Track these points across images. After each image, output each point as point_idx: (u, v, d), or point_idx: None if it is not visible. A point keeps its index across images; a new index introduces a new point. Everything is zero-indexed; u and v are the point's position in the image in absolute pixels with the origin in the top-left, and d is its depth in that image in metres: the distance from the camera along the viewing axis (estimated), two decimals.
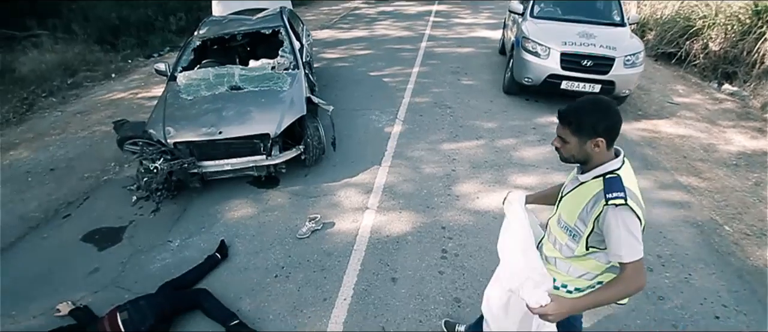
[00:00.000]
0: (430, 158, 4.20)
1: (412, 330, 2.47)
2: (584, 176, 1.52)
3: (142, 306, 2.32)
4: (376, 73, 6.63)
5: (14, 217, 3.57)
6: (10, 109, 5.94)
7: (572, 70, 4.87)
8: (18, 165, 4.37)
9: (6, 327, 2.56)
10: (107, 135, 4.93)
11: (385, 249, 3.07)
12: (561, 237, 1.61)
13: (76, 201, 3.73)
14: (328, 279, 2.82)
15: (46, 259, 3.07)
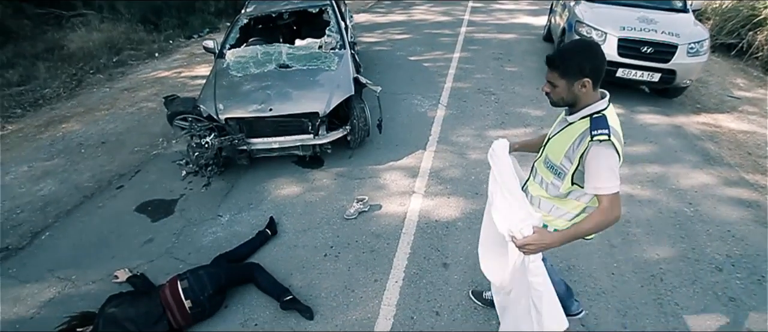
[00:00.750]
0: (476, 144, 4.08)
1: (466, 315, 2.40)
2: (572, 117, 1.62)
3: (202, 276, 2.34)
4: (416, 58, 6.49)
5: (70, 187, 3.69)
6: (61, 85, 6.16)
7: (630, 57, 4.60)
8: (70, 137, 4.52)
9: (66, 291, 2.64)
10: (154, 111, 5.04)
11: (435, 234, 3.00)
12: (547, 176, 1.73)
13: (127, 174, 3.82)
14: (378, 261, 2.78)
15: (103, 227, 3.16)
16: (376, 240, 2.94)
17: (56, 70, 6.59)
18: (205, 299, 2.29)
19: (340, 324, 2.37)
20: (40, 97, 5.76)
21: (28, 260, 2.90)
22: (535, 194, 1.80)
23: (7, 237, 3.14)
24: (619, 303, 2.52)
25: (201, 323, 2.36)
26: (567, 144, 1.61)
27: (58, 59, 6.96)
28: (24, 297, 2.60)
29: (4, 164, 4.07)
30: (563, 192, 1.68)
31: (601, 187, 1.52)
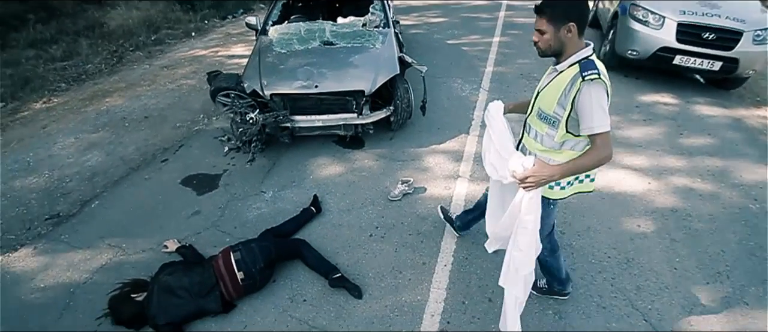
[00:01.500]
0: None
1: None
2: (561, 66, 1.69)
3: (253, 249, 2.32)
4: (454, 42, 6.31)
5: (116, 158, 3.75)
6: (102, 61, 6.28)
7: (689, 44, 4.32)
8: (114, 111, 4.60)
9: (117, 258, 2.68)
10: (193, 89, 5.07)
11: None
12: (541, 128, 1.78)
13: (171, 148, 3.85)
14: (426, 243, 2.70)
15: (150, 198, 3.19)
16: (422, 223, 2.87)
17: (97, 47, 6.73)
18: (256, 271, 2.27)
19: (389, 305, 2.32)
20: (83, 72, 5.89)
21: (79, 227, 2.95)
22: (531, 149, 1.87)
23: (57, 204, 3.21)
24: (684, 300, 2.37)
25: (251, 296, 2.35)
26: (559, 91, 1.66)
27: (98, 36, 7.11)
28: (77, 263, 2.66)
29: (51, 135, 4.17)
30: (558, 142, 1.73)
31: (595, 127, 1.60)
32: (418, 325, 2.21)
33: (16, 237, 2.92)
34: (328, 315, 2.27)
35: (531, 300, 2.33)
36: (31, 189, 3.40)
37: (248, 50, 6.23)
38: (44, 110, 4.78)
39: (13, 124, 4.51)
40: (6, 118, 4.65)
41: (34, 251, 2.77)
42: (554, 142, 1.74)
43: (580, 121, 1.63)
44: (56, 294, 2.45)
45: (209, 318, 2.25)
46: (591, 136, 1.62)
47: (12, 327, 2.27)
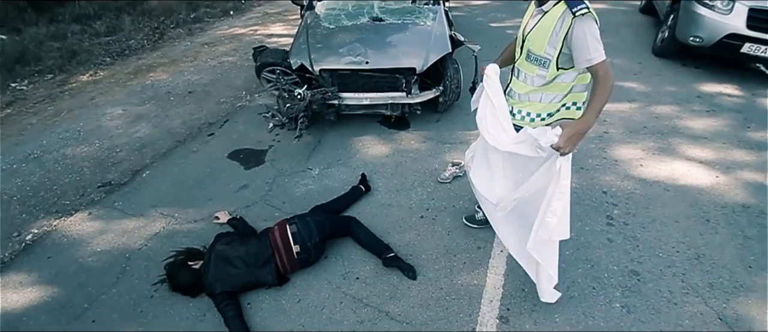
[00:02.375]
0: None
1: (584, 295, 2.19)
2: (547, 5, 1.72)
3: (309, 223, 2.27)
4: (497, 25, 6.09)
5: (163, 131, 3.78)
6: (144, 37, 6.37)
7: (762, 31, 3.99)
8: (159, 85, 4.64)
9: (170, 227, 2.69)
10: (235, 66, 5.07)
11: None
12: (531, 70, 1.82)
13: (216, 123, 3.86)
14: (479, 228, 2.60)
15: (199, 171, 3.20)
16: (473, 207, 2.76)
17: (139, 24, 6.83)
18: (311, 246, 2.23)
19: (445, 288, 2.24)
20: (126, 47, 5.99)
21: (131, 195, 2.99)
22: (523, 92, 1.91)
23: (108, 173, 3.27)
24: (761, 300, 2.20)
25: (304, 271, 2.32)
26: (548, 32, 1.70)
27: (140, 13, 7.21)
28: (131, 230, 2.69)
29: (99, 106, 4.25)
30: (549, 79, 1.79)
31: (593, 58, 1.62)
32: (477, 310, 2.13)
33: (71, 202, 2.98)
34: (382, 295, 2.21)
35: (595, 292, 2.22)
36: (82, 157, 3.47)
37: (287, 29, 6.20)
38: (91, 82, 4.88)
39: (62, 95, 4.62)
40: (55, 89, 4.77)
41: (89, 216, 2.82)
42: (545, 80, 1.81)
43: (576, 55, 1.67)
44: (112, 259, 2.48)
45: (263, 291, 2.24)
46: (590, 67, 1.65)
47: (71, 288, 2.31)
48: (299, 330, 2.06)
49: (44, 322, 2.14)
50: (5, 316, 2.19)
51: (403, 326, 2.06)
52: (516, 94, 1.95)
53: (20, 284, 2.37)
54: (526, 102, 1.91)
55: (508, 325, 2.06)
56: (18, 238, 2.70)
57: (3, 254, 2.58)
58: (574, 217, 2.67)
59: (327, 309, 2.15)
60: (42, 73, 5.17)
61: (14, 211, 2.92)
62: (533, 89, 1.86)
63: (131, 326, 2.10)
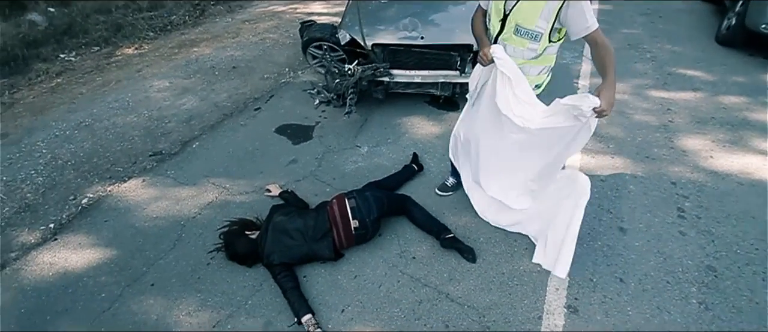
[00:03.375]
0: (636, 104, 3.53)
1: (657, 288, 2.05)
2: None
3: (368, 198, 2.21)
4: None
5: (210, 104, 3.78)
6: (186, 13, 6.40)
7: None
8: (203, 60, 4.65)
9: (223, 197, 2.68)
10: (276, 43, 5.03)
11: (603, 194, 2.62)
12: (521, 44, 1.85)
13: (262, 98, 3.83)
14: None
15: (247, 144, 3.18)
16: None
17: (180, 0, 6.88)
18: (369, 222, 2.16)
19: (506, 272, 2.14)
20: (169, 22, 6.03)
21: (183, 165, 3.00)
22: None
23: (159, 143, 3.29)
24: None
25: (359, 247, 2.26)
26: (539, 6, 1.73)
27: None
28: (184, 198, 2.69)
29: (146, 78, 4.29)
30: (540, 51, 1.84)
31: (591, 25, 1.69)
32: (542, 297, 2.03)
33: (124, 169, 3.02)
34: (440, 276, 2.14)
35: (670, 287, 2.07)
36: (132, 126, 3.50)
37: (327, 8, 6.11)
38: (136, 56, 4.94)
39: (109, 67, 4.69)
40: (102, 60, 4.85)
41: (143, 183, 2.84)
42: (536, 53, 1.86)
43: (571, 26, 1.72)
44: (168, 225, 2.49)
45: (318, 265, 2.19)
46: (588, 36, 1.71)
47: (129, 251, 2.33)
48: (357, 305, 2.02)
49: (104, 283, 2.16)
50: (66, 275, 2.22)
51: (464, 309, 1.98)
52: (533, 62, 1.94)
53: (79, 245, 2.41)
54: None
55: (577, 315, 1.95)
56: (74, 201, 2.75)
57: (60, 216, 2.63)
58: (643, 208, 2.52)
59: (384, 287, 2.09)
60: (89, 45, 5.26)
61: (69, 176, 2.98)
62: (523, 62, 1.90)
63: (190, 291, 2.10)
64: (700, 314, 1.97)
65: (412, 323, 1.93)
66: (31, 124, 3.58)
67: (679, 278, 2.12)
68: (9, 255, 2.38)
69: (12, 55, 4.71)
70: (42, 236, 2.49)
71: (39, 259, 2.33)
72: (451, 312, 1.97)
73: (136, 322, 1.97)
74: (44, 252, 2.37)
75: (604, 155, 2.94)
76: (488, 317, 1.94)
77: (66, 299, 2.10)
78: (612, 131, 3.19)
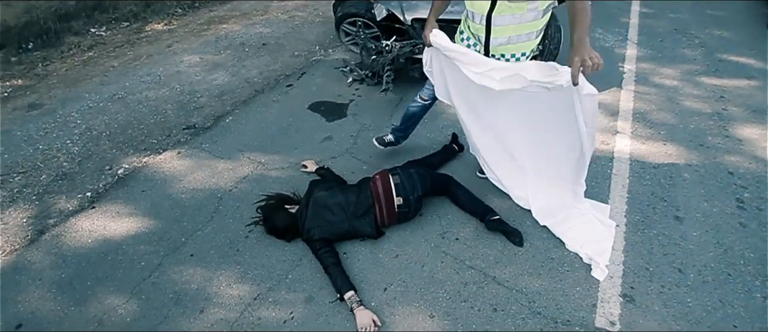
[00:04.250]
0: (687, 90, 3.34)
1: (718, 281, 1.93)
2: None
3: (413, 175, 2.13)
4: None
5: (241, 80, 3.73)
6: None
7: None
8: (232, 36, 4.60)
9: (258, 172, 2.64)
10: (306, 21, 4.94)
11: (655, 181, 2.48)
12: (519, 8, 1.72)
13: (293, 75, 3.76)
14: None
15: (281, 120, 3.12)
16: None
17: None
18: (413, 200, 2.09)
19: (556, 258, 2.04)
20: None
21: (217, 138, 2.96)
22: (512, 34, 1.81)
23: (192, 117, 3.26)
24: None
25: (399, 226, 2.19)
26: None
27: None
28: (221, 171, 2.65)
29: (177, 54, 4.26)
30: (542, 10, 1.73)
31: None
32: (595, 285, 1.92)
33: (158, 141, 3.00)
34: (486, 258, 2.05)
35: (731, 279, 1.94)
36: (164, 100, 3.48)
37: None
38: (166, 31, 4.91)
39: (139, 42, 4.68)
40: (132, 35, 4.84)
41: (178, 155, 2.82)
42: (538, 12, 1.73)
43: None
44: (205, 197, 2.46)
45: (358, 242, 2.13)
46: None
47: (167, 222, 2.31)
48: (400, 285, 1.95)
49: (143, 252, 2.15)
50: (106, 243, 2.21)
51: (513, 293, 1.89)
52: (506, 38, 1.82)
53: (117, 214, 2.40)
54: (513, 45, 1.84)
55: (634, 305, 1.84)
56: (110, 172, 2.74)
57: (97, 185, 2.63)
58: (699, 197, 2.38)
59: (427, 268, 2.02)
60: (118, 20, 5.26)
61: (104, 146, 2.97)
62: (525, 28, 1.78)
63: (229, 264, 2.06)
64: (766, 309, 1.84)
65: (458, 305, 1.86)
66: (65, 96, 3.59)
67: (741, 271, 1.99)
68: (48, 221, 2.38)
69: (44, 28, 4.74)
70: (79, 204, 2.49)
71: (78, 226, 2.33)
72: (499, 295, 1.89)
73: (176, 292, 1.94)
74: (83, 219, 2.37)
75: (656, 141, 2.79)
76: (538, 302, 1.85)
77: (106, 266, 2.09)
78: (662, 117, 3.02)
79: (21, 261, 2.14)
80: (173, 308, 1.87)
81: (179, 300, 1.91)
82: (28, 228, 2.34)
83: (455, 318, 1.81)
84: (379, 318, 1.77)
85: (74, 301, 1.93)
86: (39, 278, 2.05)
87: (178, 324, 1.81)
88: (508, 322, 1.78)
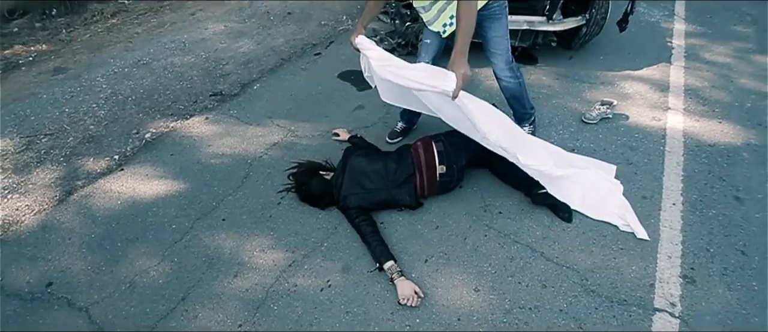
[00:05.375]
0: (741, 68, 3.11)
1: None
2: None
3: (457, 143, 2.00)
4: None
5: (266, 48, 3.62)
6: None
7: None
8: (256, 5, 4.47)
9: (289, 139, 2.55)
10: None
11: (712, 160, 2.31)
12: None
13: (320, 44, 3.64)
14: (641, 176, 2.21)
15: (310, 88, 3.01)
16: (631, 153, 2.36)
17: None
18: (455, 169, 1.97)
19: (609, 235, 1.91)
20: None
21: (245, 105, 2.87)
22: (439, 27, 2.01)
23: (218, 83, 3.17)
24: None
25: (438, 197, 2.07)
26: None
27: None
28: (250, 137, 2.57)
29: (201, 21, 4.17)
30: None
31: None
32: (653, 265, 1.79)
33: (185, 107, 2.92)
34: (532, 233, 1.93)
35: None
36: (190, 66, 3.40)
37: None
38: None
39: (162, 9, 4.60)
40: (155, 3, 4.75)
41: (206, 120, 2.74)
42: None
43: None
44: (235, 163, 2.38)
45: (395, 212, 2.02)
46: None
47: (198, 186, 2.24)
48: (441, 257, 1.85)
49: (174, 215, 2.08)
50: (135, 205, 2.16)
51: (563, 270, 1.77)
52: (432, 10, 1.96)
53: (146, 176, 2.33)
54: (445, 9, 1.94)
55: (695, 286, 1.71)
56: (137, 135, 2.67)
57: (125, 148, 2.57)
58: (760, 178, 2.22)
59: (470, 240, 1.91)
60: None
61: (130, 110, 2.91)
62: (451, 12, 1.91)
63: (262, 229, 1.98)
64: None
65: (505, 279, 1.75)
66: (90, 61, 3.54)
67: None
68: (76, 182, 2.33)
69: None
70: (107, 166, 2.43)
71: (106, 187, 2.27)
72: (548, 271, 1.77)
73: (209, 255, 1.87)
74: (111, 181, 2.31)
75: (710, 119, 2.60)
76: (592, 280, 1.73)
77: (136, 227, 2.03)
78: (716, 95, 2.82)
79: (50, 221, 2.09)
80: (207, 271, 1.81)
81: (212, 263, 1.84)
82: (57, 188, 2.30)
83: (502, 293, 1.70)
84: (421, 290, 1.68)
85: (105, 261, 1.88)
86: (68, 238, 2.00)
87: (211, 287, 1.75)
88: (559, 299, 1.67)
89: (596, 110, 2.57)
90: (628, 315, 1.61)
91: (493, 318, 1.62)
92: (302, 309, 1.66)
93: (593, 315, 1.62)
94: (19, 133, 2.73)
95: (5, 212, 2.15)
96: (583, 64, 3.16)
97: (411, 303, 1.63)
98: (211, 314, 1.65)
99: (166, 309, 1.68)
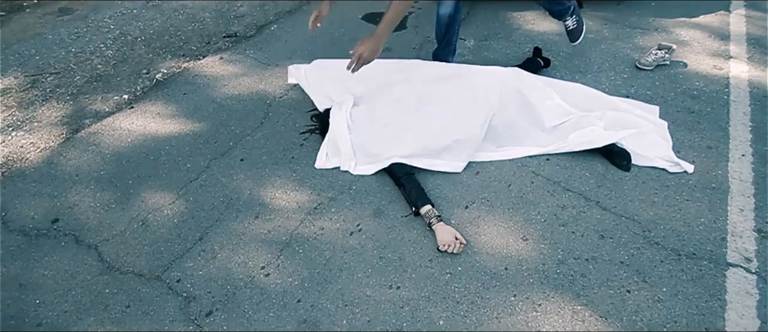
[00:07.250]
0: None
1: None
2: None
3: None
4: None
5: None
6: None
7: None
8: None
9: None
10: None
11: None
12: None
13: None
14: (705, 125, 1.97)
15: (332, 30, 2.76)
16: (692, 102, 2.12)
17: None
18: None
19: (672, 186, 1.69)
20: None
21: (262, 46, 2.66)
22: None
23: (232, 25, 2.94)
24: None
25: None
26: None
27: None
28: (268, 77, 2.37)
29: None
30: None
31: None
32: (723, 217, 1.59)
33: (198, 48, 2.72)
34: (586, 182, 1.73)
35: None
36: (202, 8, 3.16)
37: None
38: None
39: None
40: None
41: (221, 60, 2.53)
42: None
43: None
44: (253, 103, 2.19)
45: None
46: None
47: (214, 125, 2.06)
48: (484, 203, 1.67)
49: (188, 153, 1.91)
50: (146, 143, 1.99)
51: (622, 220, 1.58)
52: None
53: (158, 115, 2.16)
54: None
55: None
56: (148, 75, 2.49)
57: (134, 87, 2.39)
58: None
59: (515, 187, 1.72)
60: None
61: (140, 51, 2.71)
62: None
63: (284, 171, 1.81)
64: None
65: (556, 229, 1.56)
66: (97, 2, 3.31)
67: None
68: (83, 121, 2.17)
69: None
70: (116, 105, 2.26)
71: (116, 125, 2.10)
72: (606, 221, 1.58)
73: (227, 195, 1.71)
74: (121, 119, 2.14)
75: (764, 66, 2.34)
76: (655, 232, 1.54)
77: (148, 165, 1.87)
78: None
79: (56, 158, 1.94)
80: (225, 211, 1.65)
81: (231, 204, 1.68)
82: (63, 126, 2.14)
83: (553, 243, 1.52)
84: (462, 237, 1.50)
85: (115, 199, 1.73)
86: (76, 175, 1.85)
87: (231, 227, 1.59)
88: (620, 251, 1.48)
89: (652, 55, 2.31)
90: (699, 270, 1.43)
91: (545, 268, 1.44)
92: (330, 253, 1.50)
93: (659, 267, 1.43)
94: (24, 72, 2.55)
95: (9, 149, 2.01)
96: (633, 10, 2.86)
97: (452, 250, 1.46)
98: (231, 255, 1.50)
99: (181, 248, 1.53)
